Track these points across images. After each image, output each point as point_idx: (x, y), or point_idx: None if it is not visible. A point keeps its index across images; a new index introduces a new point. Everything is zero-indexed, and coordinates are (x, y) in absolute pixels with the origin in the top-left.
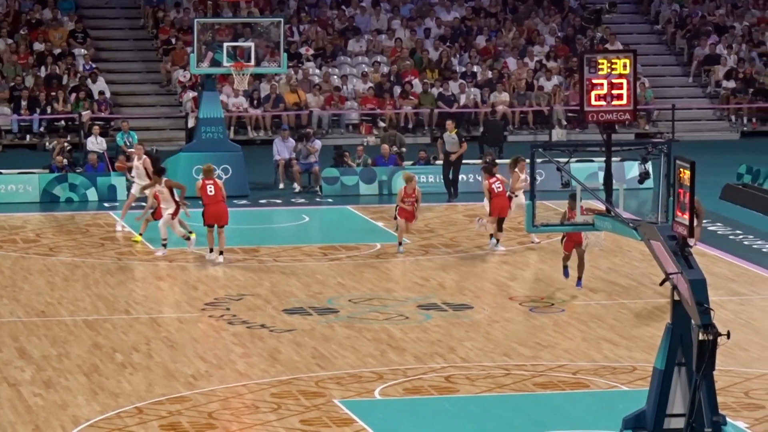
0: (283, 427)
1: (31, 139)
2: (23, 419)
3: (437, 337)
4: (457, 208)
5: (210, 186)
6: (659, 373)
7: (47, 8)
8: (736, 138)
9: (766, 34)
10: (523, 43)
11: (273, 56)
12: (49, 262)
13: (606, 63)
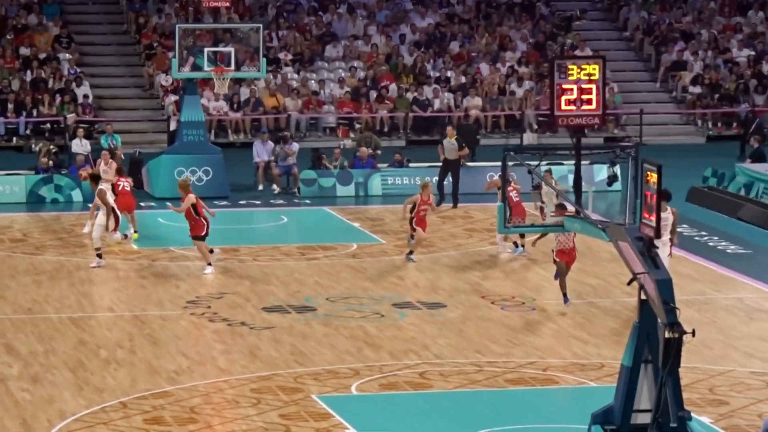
0: (263, 421)
1: (18, 142)
2: (11, 413)
3: (412, 335)
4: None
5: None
6: (627, 370)
7: (33, 14)
8: (701, 142)
9: (731, 42)
10: (495, 49)
11: (252, 61)
12: (36, 260)
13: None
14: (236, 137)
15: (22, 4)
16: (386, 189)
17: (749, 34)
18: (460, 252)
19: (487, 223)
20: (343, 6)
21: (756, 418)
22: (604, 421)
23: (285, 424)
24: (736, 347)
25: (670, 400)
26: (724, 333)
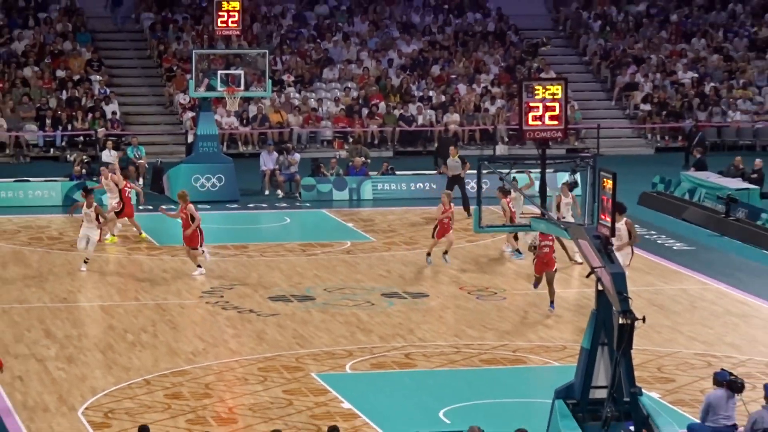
0: (269, 396)
1: (54, 152)
2: (49, 389)
3: (398, 321)
4: (414, 212)
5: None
6: (586, 352)
7: (68, 41)
8: (651, 153)
9: (677, 65)
10: (471, 71)
11: (259, 82)
12: (70, 256)
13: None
14: (245, 148)
15: (59, 32)
16: (376, 194)
17: (693, 58)
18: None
19: (464, 223)
20: (339, 34)
21: (698, 393)
22: (566, 396)
23: (288, 399)
24: (681, 332)
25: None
26: (671, 319)
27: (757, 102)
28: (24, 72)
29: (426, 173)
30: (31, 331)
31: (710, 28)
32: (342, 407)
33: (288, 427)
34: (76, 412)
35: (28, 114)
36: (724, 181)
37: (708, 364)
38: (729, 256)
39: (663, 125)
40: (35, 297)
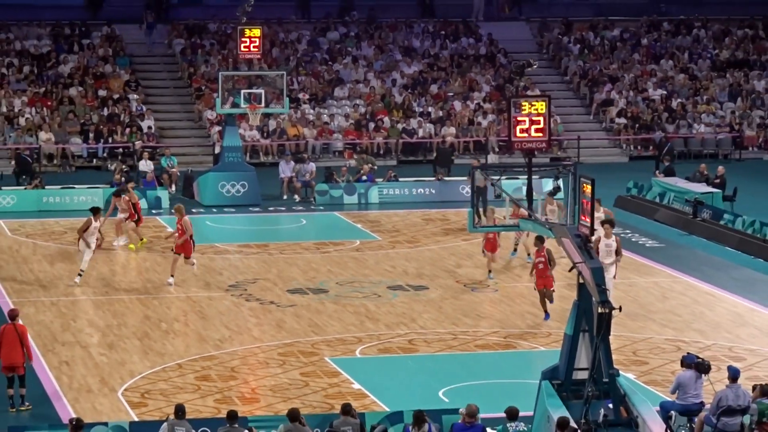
0: (287, 378)
1: (97, 163)
2: (92, 373)
3: (402, 311)
4: (416, 214)
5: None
6: (569, 338)
7: (108, 64)
8: (625, 161)
9: (648, 83)
10: (465, 89)
11: (278, 100)
12: (111, 254)
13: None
14: (266, 158)
15: (100, 56)
16: (382, 198)
17: (661, 77)
18: (439, 246)
19: (460, 224)
20: (348, 57)
21: (669, 374)
22: (551, 377)
23: (305, 380)
24: (653, 319)
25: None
26: (644, 308)
27: (719, 116)
28: (70, 91)
29: (426, 180)
30: (76, 321)
31: (677, 51)
32: (353, 388)
33: (304, 406)
34: (116, 393)
35: (74, 129)
36: (690, 185)
37: (678, 348)
38: (696, 253)
39: (636, 136)
40: (80, 291)
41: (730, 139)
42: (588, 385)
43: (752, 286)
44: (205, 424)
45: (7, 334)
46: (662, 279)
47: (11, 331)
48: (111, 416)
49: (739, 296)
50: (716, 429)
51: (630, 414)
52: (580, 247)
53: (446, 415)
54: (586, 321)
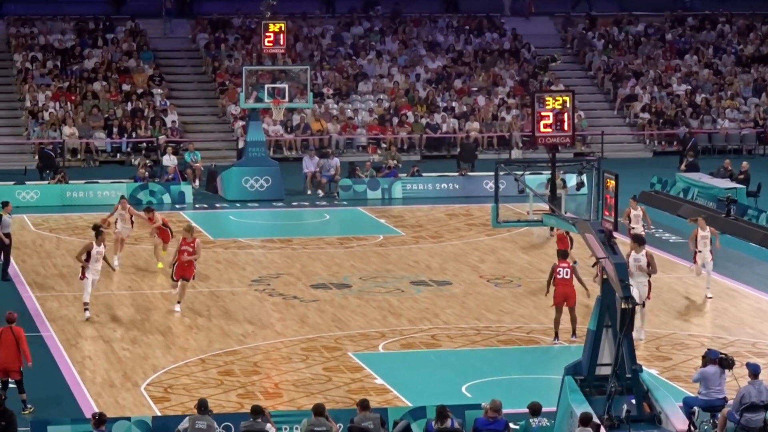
0: (311, 373)
1: (121, 157)
2: (115, 367)
3: (425, 306)
4: (439, 209)
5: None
6: (592, 333)
7: (132, 59)
8: (649, 156)
9: (672, 79)
10: (489, 84)
11: (302, 95)
12: (135, 249)
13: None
14: (290, 153)
15: (124, 51)
16: (406, 193)
17: (686, 73)
18: (462, 242)
19: (483, 219)
20: (372, 52)
21: (692, 370)
22: (574, 373)
23: (327, 375)
24: (676, 315)
25: (626, 357)
26: (667, 305)
27: (743, 111)
28: (94, 86)
29: (450, 175)
30: (99, 316)
31: (701, 46)
32: (375, 383)
33: (327, 401)
34: (139, 388)
35: (98, 123)
36: (714, 181)
37: (701, 344)
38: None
39: (659, 132)
40: (103, 285)
41: (755, 135)
42: (611, 380)
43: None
44: (227, 419)
45: (3, 337)
46: (685, 275)
47: (8, 334)
48: (134, 411)
49: (763, 292)
50: (739, 425)
51: (653, 409)
52: (604, 243)
53: (469, 410)
54: (610, 316)
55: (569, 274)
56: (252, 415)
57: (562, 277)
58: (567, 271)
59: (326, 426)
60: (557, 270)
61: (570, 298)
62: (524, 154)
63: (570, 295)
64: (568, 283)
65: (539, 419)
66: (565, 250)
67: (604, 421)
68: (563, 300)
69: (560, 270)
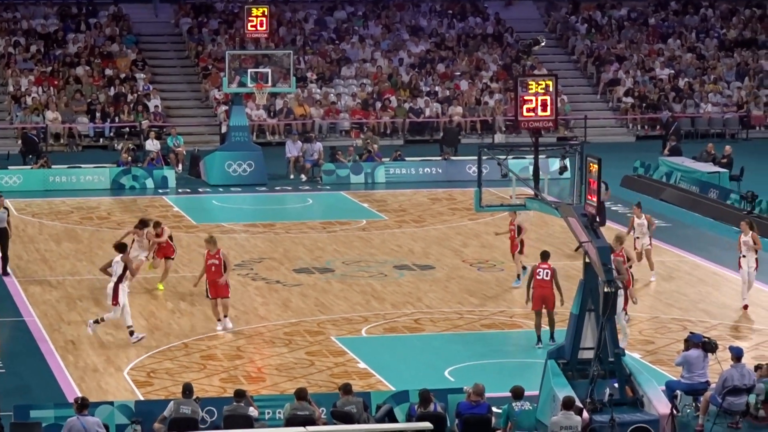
0: (293, 357)
1: (103, 142)
2: (98, 352)
3: (408, 290)
4: (422, 193)
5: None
6: (574, 317)
7: (115, 43)
8: (632, 140)
9: (655, 63)
10: (472, 69)
11: (285, 79)
12: (118, 234)
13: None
14: (273, 138)
15: (107, 35)
16: (389, 177)
17: (669, 57)
18: (445, 226)
19: (466, 203)
20: (355, 37)
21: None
22: (557, 357)
23: (310, 359)
24: (660, 299)
25: (608, 340)
26: (650, 288)
27: (726, 95)
28: (77, 71)
29: (433, 159)
30: (82, 300)
31: (684, 30)
32: (358, 367)
33: (310, 385)
34: (122, 372)
35: (80, 108)
36: (697, 165)
37: (684, 328)
38: (702, 232)
39: (642, 116)
40: (86, 270)
41: (737, 119)
42: (594, 364)
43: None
44: (210, 403)
45: None
46: (669, 258)
47: None
48: (117, 395)
49: None
50: (721, 408)
51: (635, 393)
52: (587, 227)
53: (452, 394)
54: (592, 300)
55: (549, 276)
56: (235, 398)
57: (542, 278)
58: (547, 272)
59: (309, 410)
60: (537, 271)
61: (549, 301)
62: (507, 139)
63: (549, 297)
64: (548, 285)
65: (522, 403)
66: (546, 251)
67: (586, 405)
68: (542, 303)
69: (540, 271)
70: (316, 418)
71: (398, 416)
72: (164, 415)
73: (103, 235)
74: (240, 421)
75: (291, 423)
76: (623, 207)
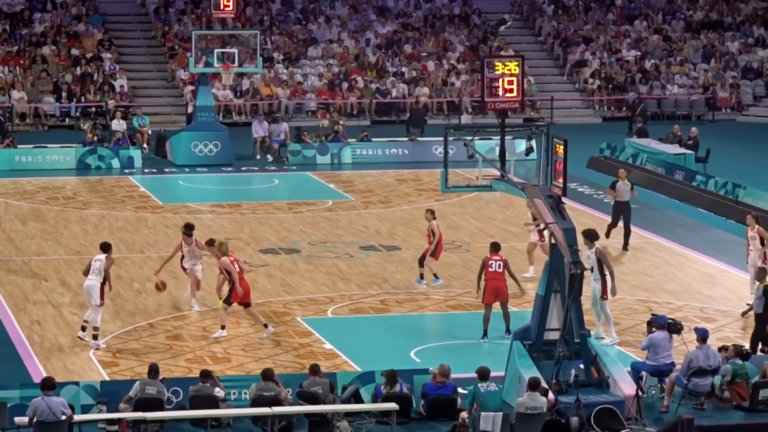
0: (259, 337)
1: (69, 122)
2: (64, 332)
3: (374, 271)
4: (389, 174)
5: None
6: (540, 298)
7: (82, 23)
8: (598, 122)
9: (622, 44)
10: (439, 50)
11: (252, 59)
12: (83, 214)
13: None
14: (239, 118)
15: (74, 15)
16: (355, 158)
17: (635, 38)
18: (411, 206)
19: (432, 184)
20: (322, 17)
21: (641, 335)
22: (523, 338)
23: (276, 340)
24: (625, 280)
25: (574, 322)
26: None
27: (692, 77)
28: (43, 50)
29: (399, 140)
30: (48, 281)
31: (651, 12)
32: (324, 347)
33: (276, 365)
34: (87, 353)
35: (46, 88)
36: (663, 147)
37: (649, 310)
38: (668, 214)
39: (609, 97)
40: (51, 250)
41: (704, 101)
42: (559, 345)
43: (724, 248)
44: (176, 383)
45: None
46: (634, 240)
47: None
48: (82, 375)
49: (711, 257)
50: (687, 389)
51: (601, 374)
52: (553, 208)
53: (418, 375)
54: (558, 281)
55: (501, 268)
56: (201, 379)
57: (494, 271)
58: (499, 264)
59: (275, 390)
60: (489, 263)
61: (502, 293)
62: (474, 120)
63: (502, 289)
64: (500, 277)
65: (488, 384)
66: (497, 243)
67: (552, 386)
68: (495, 296)
69: (492, 263)
70: (282, 399)
71: (364, 397)
72: (130, 396)
73: (68, 215)
74: (206, 402)
75: (257, 404)
76: (588, 188)
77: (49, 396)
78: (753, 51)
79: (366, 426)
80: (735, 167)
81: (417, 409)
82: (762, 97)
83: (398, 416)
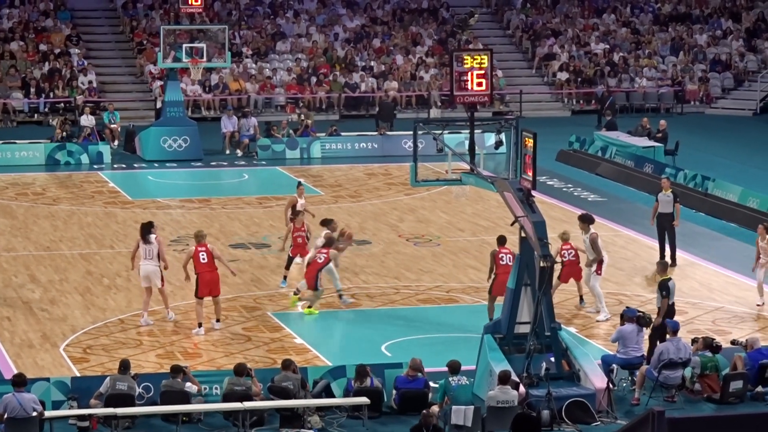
0: (230, 332)
1: (38, 118)
2: (34, 328)
3: (345, 265)
4: (358, 168)
5: (202, 253)
6: (511, 292)
7: (50, 18)
8: (567, 115)
9: (591, 37)
10: (408, 44)
11: (220, 54)
12: (53, 209)
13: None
14: (208, 113)
15: (42, 10)
16: (324, 153)
17: (604, 31)
18: (381, 201)
19: (402, 178)
20: (291, 11)
21: (611, 328)
22: (494, 331)
23: (247, 335)
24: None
25: (545, 315)
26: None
27: (660, 70)
28: (11, 46)
29: (368, 134)
30: (17, 277)
31: (619, 5)
32: (295, 342)
33: (247, 360)
34: (58, 349)
35: (15, 83)
36: (632, 139)
37: (619, 302)
38: (637, 207)
39: (578, 90)
40: (21, 246)
41: (672, 93)
42: (530, 339)
43: (693, 240)
44: (147, 379)
45: None
46: (604, 233)
47: None
48: (53, 371)
49: (680, 250)
50: (657, 382)
51: (572, 367)
52: (522, 201)
53: (389, 369)
54: (529, 275)
55: (512, 261)
56: (172, 374)
57: (506, 264)
58: (510, 257)
59: (246, 385)
60: (499, 256)
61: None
62: (443, 114)
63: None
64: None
65: (458, 377)
66: (503, 236)
67: (523, 379)
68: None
69: (503, 256)
70: (253, 394)
71: (335, 391)
72: (100, 392)
73: (38, 211)
74: (177, 397)
75: (228, 398)
76: (558, 182)
77: (20, 392)
78: (721, 44)
79: (337, 420)
80: (704, 160)
81: (388, 403)
82: (730, 90)
83: (369, 410)
